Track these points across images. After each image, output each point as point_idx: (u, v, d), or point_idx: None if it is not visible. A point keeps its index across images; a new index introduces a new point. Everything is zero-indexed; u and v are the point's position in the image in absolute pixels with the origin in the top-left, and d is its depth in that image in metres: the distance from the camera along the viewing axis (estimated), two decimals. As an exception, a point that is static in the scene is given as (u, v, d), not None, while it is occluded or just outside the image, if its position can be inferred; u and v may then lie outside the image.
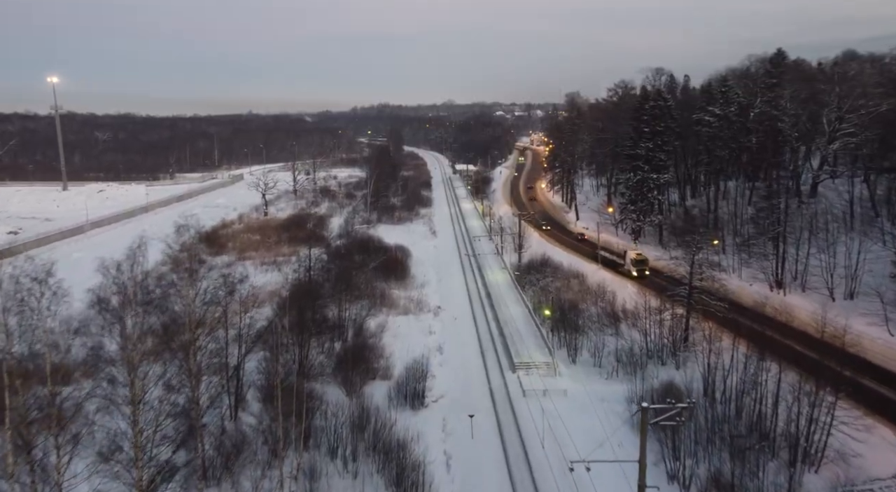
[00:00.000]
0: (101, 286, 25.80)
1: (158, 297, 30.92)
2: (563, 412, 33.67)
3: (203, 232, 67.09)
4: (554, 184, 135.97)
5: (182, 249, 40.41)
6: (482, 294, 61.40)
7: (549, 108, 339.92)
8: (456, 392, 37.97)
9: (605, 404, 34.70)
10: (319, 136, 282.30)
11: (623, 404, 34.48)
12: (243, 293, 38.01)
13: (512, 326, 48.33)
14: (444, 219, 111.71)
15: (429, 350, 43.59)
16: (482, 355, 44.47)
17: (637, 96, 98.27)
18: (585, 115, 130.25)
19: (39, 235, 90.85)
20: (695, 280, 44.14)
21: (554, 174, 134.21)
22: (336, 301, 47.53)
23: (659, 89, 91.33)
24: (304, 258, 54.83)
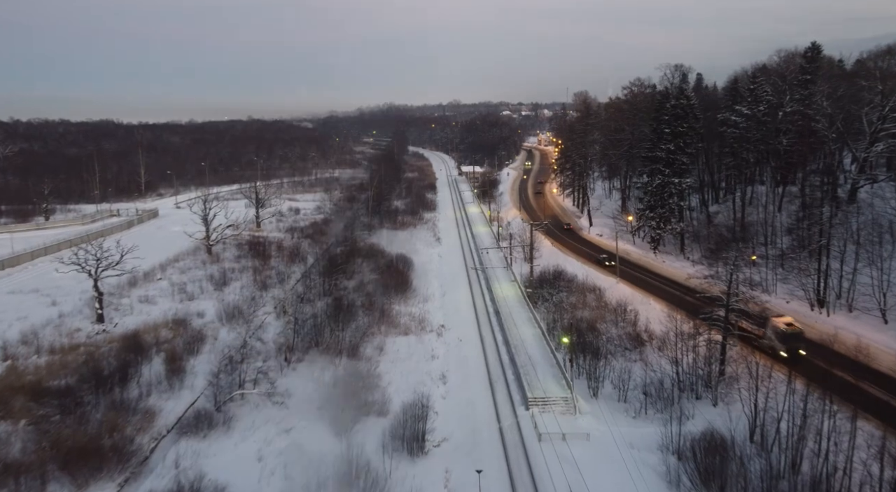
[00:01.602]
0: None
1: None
2: (586, 463, 29.35)
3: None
4: (564, 187, 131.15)
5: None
6: (490, 311, 57.89)
7: (556, 108, 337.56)
8: (461, 434, 33.83)
9: (635, 452, 30.31)
10: (303, 146, 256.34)
11: (656, 454, 30.17)
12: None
13: (524, 350, 44.17)
14: (450, 224, 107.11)
15: (431, 379, 39.53)
16: (491, 387, 40.38)
17: (656, 95, 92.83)
18: (598, 115, 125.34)
19: None
20: (732, 301, 39.22)
21: (564, 177, 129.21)
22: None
23: (681, 87, 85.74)
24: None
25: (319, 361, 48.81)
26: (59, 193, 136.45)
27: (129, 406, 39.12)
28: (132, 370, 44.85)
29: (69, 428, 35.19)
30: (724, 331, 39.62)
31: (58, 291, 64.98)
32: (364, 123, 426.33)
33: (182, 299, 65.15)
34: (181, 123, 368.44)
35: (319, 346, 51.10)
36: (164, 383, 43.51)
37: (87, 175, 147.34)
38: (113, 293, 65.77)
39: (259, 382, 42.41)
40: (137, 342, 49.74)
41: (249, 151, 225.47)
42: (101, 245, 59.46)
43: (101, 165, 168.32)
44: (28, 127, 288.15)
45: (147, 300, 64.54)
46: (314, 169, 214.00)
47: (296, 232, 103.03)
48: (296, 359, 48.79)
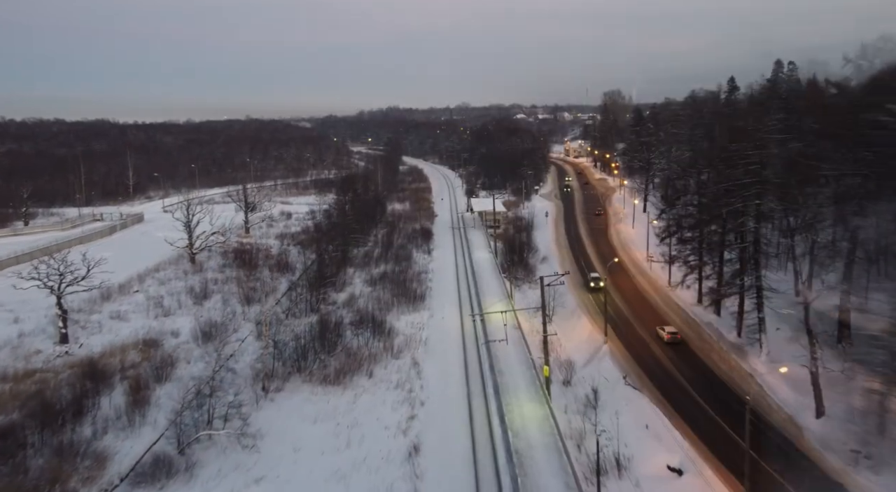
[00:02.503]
0: None
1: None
2: None
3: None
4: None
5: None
6: None
7: (585, 112, 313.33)
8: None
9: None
10: (299, 147, 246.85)
11: None
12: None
13: None
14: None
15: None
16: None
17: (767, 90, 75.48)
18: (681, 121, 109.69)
19: None
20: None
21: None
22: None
23: (828, 79, 71.72)
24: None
25: (302, 390, 44.27)
26: (43, 195, 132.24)
27: (78, 449, 34.74)
28: (89, 402, 40.68)
29: (2, 480, 30.54)
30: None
31: (22, 307, 60.67)
32: (363, 124, 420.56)
33: (157, 315, 60.84)
34: (178, 122, 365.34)
35: (302, 372, 46.59)
36: (124, 418, 39.19)
37: (72, 177, 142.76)
38: (82, 309, 61.54)
39: (230, 418, 38.01)
40: (99, 368, 45.40)
41: (244, 152, 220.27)
42: (64, 258, 54.18)
43: (89, 167, 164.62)
44: (21, 127, 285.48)
45: (119, 317, 60.16)
46: (310, 170, 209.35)
47: (286, 238, 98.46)
48: (275, 388, 44.42)
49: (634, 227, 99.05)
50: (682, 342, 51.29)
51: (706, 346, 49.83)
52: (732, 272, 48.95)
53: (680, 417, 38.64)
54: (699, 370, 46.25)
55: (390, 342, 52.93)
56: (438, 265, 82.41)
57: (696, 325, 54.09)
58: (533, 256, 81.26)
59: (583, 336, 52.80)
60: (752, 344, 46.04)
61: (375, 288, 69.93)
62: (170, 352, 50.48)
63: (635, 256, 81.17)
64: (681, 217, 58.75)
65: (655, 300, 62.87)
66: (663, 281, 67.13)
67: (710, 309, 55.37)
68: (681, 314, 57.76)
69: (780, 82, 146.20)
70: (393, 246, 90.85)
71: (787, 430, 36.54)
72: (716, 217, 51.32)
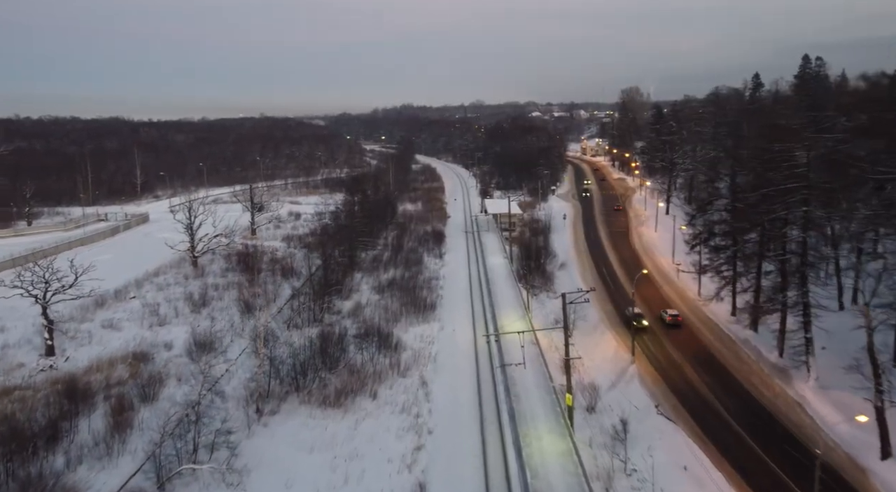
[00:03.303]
0: None
1: None
2: None
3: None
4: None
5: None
6: None
7: (601, 109, 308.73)
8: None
9: None
10: (310, 145, 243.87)
11: None
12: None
13: None
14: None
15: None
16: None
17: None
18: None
19: None
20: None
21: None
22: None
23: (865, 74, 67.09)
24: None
25: (299, 413, 40.53)
26: (49, 194, 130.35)
27: (47, 485, 30.95)
28: (66, 426, 37.06)
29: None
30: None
31: (10, 314, 57.62)
32: (377, 122, 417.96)
33: (152, 324, 57.53)
34: (193, 120, 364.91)
35: (301, 391, 42.87)
36: (103, 445, 35.61)
37: (79, 176, 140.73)
38: (74, 317, 58.45)
39: (217, 447, 34.37)
40: (81, 386, 42.02)
41: (255, 150, 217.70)
42: (50, 265, 50.89)
43: (98, 165, 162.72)
44: (36, 125, 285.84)
45: (111, 326, 56.93)
46: (321, 168, 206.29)
47: (293, 240, 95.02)
48: (269, 411, 40.67)
49: (657, 230, 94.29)
50: (681, 325, 52.55)
51: (745, 367, 45.16)
52: (774, 286, 44.39)
53: (721, 454, 34.21)
54: (739, 396, 41.68)
55: (397, 358, 49.04)
56: (450, 271, 78.30)
57: (731, 342, 49.45)
58: (551, 262, 76.84)
59: (607, 354, 48.40)
60: (797, 367, 41.56)
61: (383, 296, 66.15)
62: (160, 367, 47.08)
63: (660, 263, 76.34)
64: (713, 223, 54.15)
65: (684, 313, 58.15)
66: (693, 291, 62.44)
67: (745, 323, 50.83)
68: (714, 330, 53.05)
69: (807, 78, 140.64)
70: (403, 250, 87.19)
71: (847, 472, 32.04)
72: (754, 224, 46.73)
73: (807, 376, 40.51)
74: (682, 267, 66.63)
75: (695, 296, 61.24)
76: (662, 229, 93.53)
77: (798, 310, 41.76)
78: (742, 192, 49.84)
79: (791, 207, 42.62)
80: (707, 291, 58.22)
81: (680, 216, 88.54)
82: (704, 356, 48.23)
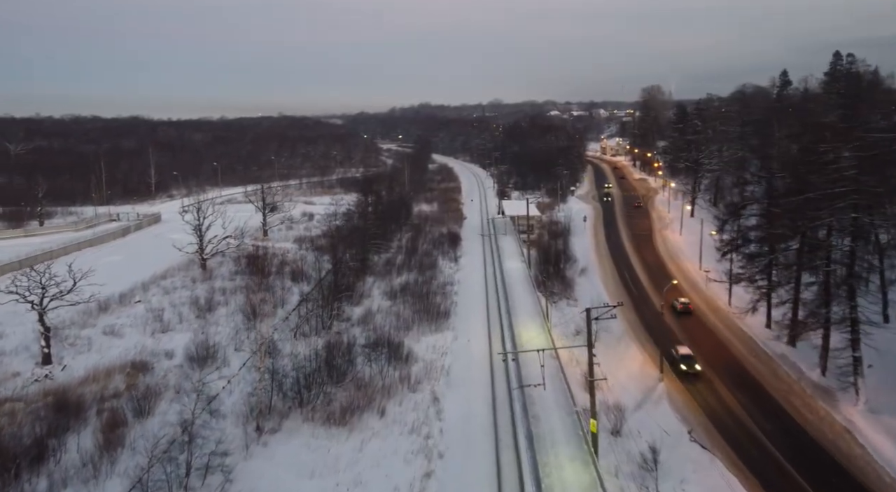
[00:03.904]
0: None
1: None
2: None
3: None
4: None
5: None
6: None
7: (621, 109, 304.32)
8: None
9: None
10: (326, 144, 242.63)
11: None
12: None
13: None
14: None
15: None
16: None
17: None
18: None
19: None
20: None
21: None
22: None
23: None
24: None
25: (302, 432, 37.89)
26: (63, 194, 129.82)
27: (24, 512, 28.70)
28: (54, 443, 34.74)
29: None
30: None
31: (11, 320, 55.80)
32: (394, 121, 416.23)
33: (154, 331, 55.36)
34: (212, 119, 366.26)
35: (304, 407, 40.24)
36: (90, 466, 33.13)
37: (94, 175, 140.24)
38: (75, 322, 56.60)
39: (211, 471, 31.70)
40: (74, 399, 39.82)
41: (271, 150, 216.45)
42: (48, 269, 48.92)
43: (114, 164, 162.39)
44: (57, 124, 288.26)
45: (113, 332, 54.81)
46: (337, 167, 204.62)
47: (304, 242, 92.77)
48: (270, 429, 38.06)
49: (682, 234, 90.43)
50: (692, 313, 52.05)
51: (784, 387, 41.52)
52: (816, 299, 40.77)
53: (763, 490, 30.82)
54: (779, 419, 38.11)
55: (407, 371, 46.22)
56: (465, 276, 75.26)
57: (767, 358, 45.81)
58: (571, 267, 73.55)
59: (633, 369, 45.02)
60: (844, 388, 37.94)
61: (395, 302, 63.41)
62: (159, 378, 44.83)
63: (687, 270, 72.57)
64: (747, 229, 50.48)
65: (715, 324, 54.58)
66: (722, 300, 58.78)
67: (781, 337, 47.15)
68: (747, 343, 49.41)
69: (838, 75, 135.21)
70: (417, 252, 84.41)
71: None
72: (795, 231, 43.10)
73: (855, 399, 36.94)
74: (711, 275, 62.81)
75: (725, 306, 57.59)
76: (687, 233, 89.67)
77: (844, 326, 38.14)
78: (780, 195, 46.17)
79: (837, 213, 38.99)
80: (739, 302, 54.64)
81: (707, 220, 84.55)
82: (738, 372, 44.66)
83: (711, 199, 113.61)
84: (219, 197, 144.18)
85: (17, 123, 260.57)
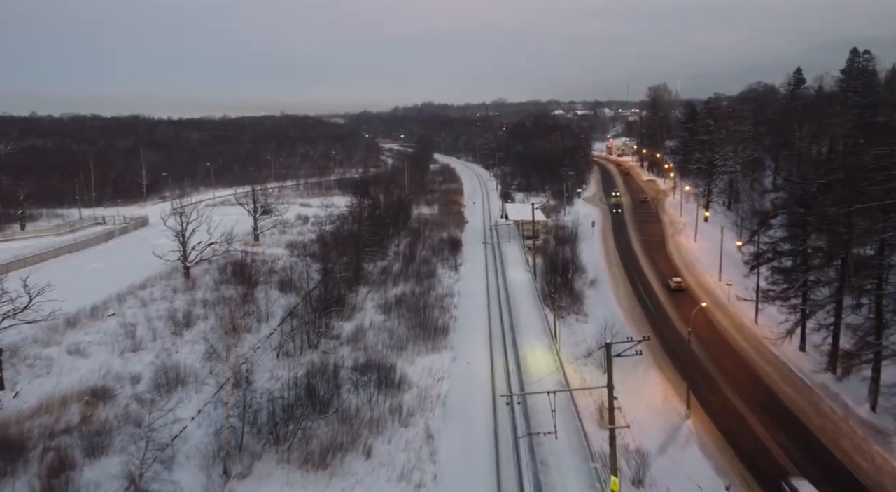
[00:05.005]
0: None
1: None
2: None
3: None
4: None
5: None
6: None
7: (626, 108, 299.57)
8: None
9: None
10: (327, 144, 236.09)
11: None
12: None
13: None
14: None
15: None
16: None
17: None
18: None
19: None
20: None
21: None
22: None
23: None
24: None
25: (275, 477, 32.89)
26: (51, 195, 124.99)
27: None
28: (-16, 494, 29.78)
29: None
30: None
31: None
32: (397, 120, 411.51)
33: (123, 350, 50.34)
34: (214, 118, 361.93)
35: (280, 445, 35.22)
36: (21, 525, 28.04)
37: (83, 175, 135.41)
38: (38, 340, 51.47)
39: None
40: (17, 436, 34.77)
41: (270, 149, 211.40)
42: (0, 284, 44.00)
43: (107, 164, 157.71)
44: (55, 123, 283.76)
45: (78, 351, 49.81)
46: (337, 168, 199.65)
47: (297, 248, 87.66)
48: (239, 473, 32.99)
49: (697, 240, 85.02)
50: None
51: (829, 424, 36.14)
52: (866, 325, 35.47)
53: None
54: (829, 468, 32.66)
55: (399, 400, 41.10)
56: (466, 286, 69.98)
57: (806, 389, 40.40)
58: (579, 278, 68.23)
59: (654, 401, 39.69)
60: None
61: (389, 316, 58.29)
62: (120, 408, 39.78)
63: (706, 282, 66.89)
64: (778, 241, 45.08)
65: (742, 347, 49.04)
66: (748, 317, 53.37)
67: (820, 363, 41.85)
68: (781, 370, 43.98)
69: (855, 74, 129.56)
70: (415, 260, 79.20)
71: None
72: (840, 246, 37.77)
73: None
74: (736, 290, 57.02)
75: (750, 323, 52.24)
76: (703, 239, 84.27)
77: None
78: (818, 203, 40.91)
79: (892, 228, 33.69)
80: (766, 320, 49.34)
81: (725, 226, 79.18)
82: (774, 406, 39.31)
83: (725, 202, 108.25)
84: (212, 198, 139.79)
85: (12, 121, 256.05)
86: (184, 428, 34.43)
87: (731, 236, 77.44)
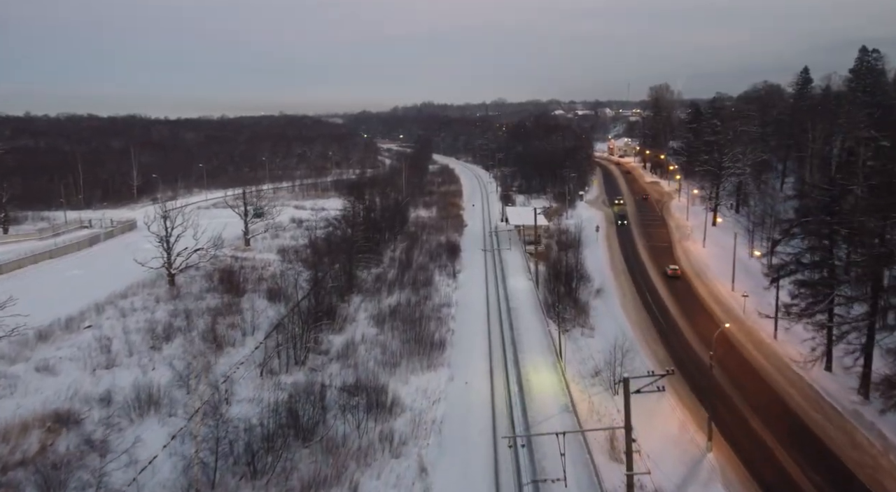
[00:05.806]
0: None
1: None
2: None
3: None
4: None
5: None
6: None
7: (627, 108, 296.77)
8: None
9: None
10: (324, 144, 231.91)
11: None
12: None
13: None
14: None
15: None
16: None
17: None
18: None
19: None
20: None
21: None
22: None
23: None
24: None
25: (250, 517, 29.34)
26: (39, 197, 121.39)
27: None
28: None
29: None
30: None
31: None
32: (396, 120, 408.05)
33: (96, 367, 46.84)
34: (212, 118, 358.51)
35: (257, 479, 31.74)
36: None
37: (71, 177, 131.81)
38: (5, 356, 48.04)
39: None
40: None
41: (266, 149, 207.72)
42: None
43: (100, 165, 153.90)
44: (51, 123, 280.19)
45: (46, 368, 46.30)
46: (334, 169, 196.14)
47: (289, 253, 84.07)
48: (210, 515, 29.39)
49: (705, 246, 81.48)
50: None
51: (866, 459, 32.44)
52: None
53: None
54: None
55: (390, 426, 37.59)
56: (465, 295, 66.42)
57: (836, 416, 36.75)
58: (584, 287, 64.62)
59: (670, 431, 36.04)
60: None
61: (382, 329, 54.71)
62: (87, 435, 36.28)
63: (718, 292, 63.08)
64: (801, 251, 41.48)
65: (761, 364, 45.33)
66: (767, 333, 49.74)
67: (850, 386, 38.32)
68: (807, 393, 40.30)
69: (863, 73, 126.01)
70: (412, 267, 75.66)
71: None
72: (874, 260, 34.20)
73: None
74: (752, 302, 53.42)
75: (770, 339, 48.60)
76: (711, 244, 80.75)
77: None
78: (848, 213, 37.36)
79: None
80: (787, 336, 45.76)
81: (736, 231, 75.65)
82: (802, 434, 35.62)
83: (733, 205, 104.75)
84: (203, 201, 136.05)
85: (5, 121, 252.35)
86: (150, 463, 30.84)
87: (743, 242, 73.81)
